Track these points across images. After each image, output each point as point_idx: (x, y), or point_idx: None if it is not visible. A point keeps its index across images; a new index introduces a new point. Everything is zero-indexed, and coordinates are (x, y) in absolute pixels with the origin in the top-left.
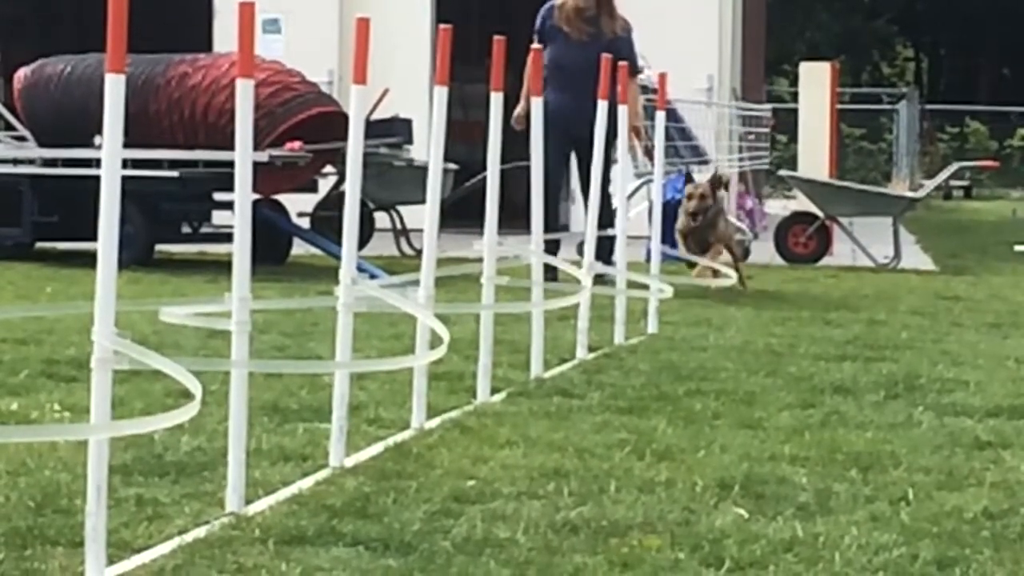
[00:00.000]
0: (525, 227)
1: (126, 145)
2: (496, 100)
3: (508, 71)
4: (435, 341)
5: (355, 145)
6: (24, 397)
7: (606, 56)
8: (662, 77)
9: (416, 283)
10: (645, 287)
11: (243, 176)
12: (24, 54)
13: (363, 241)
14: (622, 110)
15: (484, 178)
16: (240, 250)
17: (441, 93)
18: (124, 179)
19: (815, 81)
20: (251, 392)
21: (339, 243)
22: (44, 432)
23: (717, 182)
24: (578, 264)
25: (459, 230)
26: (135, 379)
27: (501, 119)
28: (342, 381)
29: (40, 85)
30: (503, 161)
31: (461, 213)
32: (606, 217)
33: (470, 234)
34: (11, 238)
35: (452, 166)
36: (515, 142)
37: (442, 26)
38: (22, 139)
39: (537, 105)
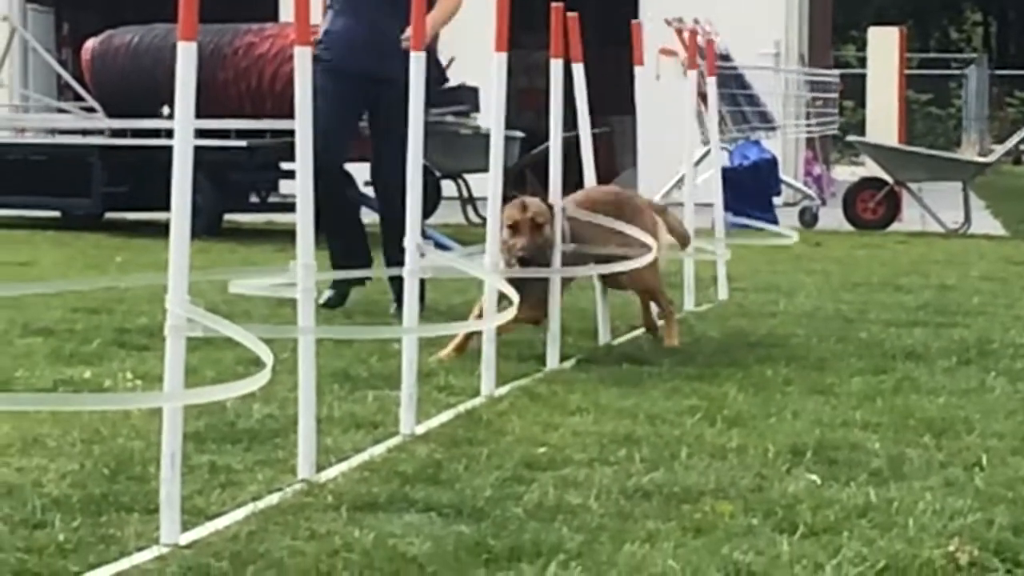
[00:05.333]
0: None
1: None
2: (556, 67)
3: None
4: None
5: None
6: (97, 366)
7: None
8: (710, 44)
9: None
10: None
11: (303, 145)
12: (91, 25)
13: (430, 209)
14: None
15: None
16: (303, 218)
17: (500, 60)
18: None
19: (884, 46)
20: (321, 360)
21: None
22: (119, 400)
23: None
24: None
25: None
26: (206, 347)
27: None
28: (410, 347)
29: (108, 56)
30: (568, 128)
31: (526, 180)
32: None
33: None
34: (81, 208)
35: (518, 134)
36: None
37: None
38: (91, 110)
39: (578, 71)
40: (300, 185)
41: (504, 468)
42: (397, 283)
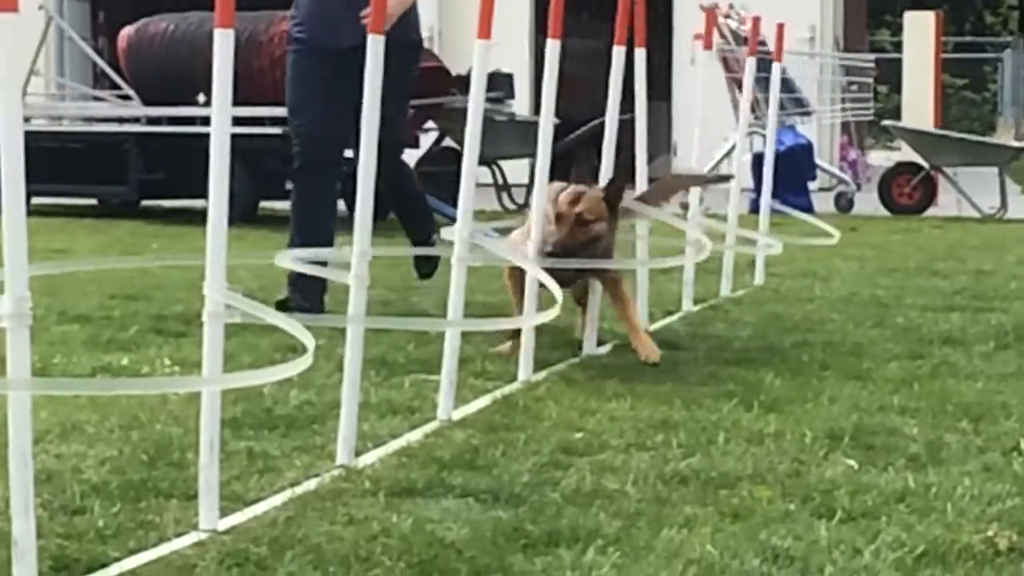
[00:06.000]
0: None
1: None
2: (618, 54)
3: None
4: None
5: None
6: (134, 352)
7: None
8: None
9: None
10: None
11: (369, 132)
12: (126, 13)
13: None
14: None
15: (582, 134)
16: (363, 203)
17: (554, 47)
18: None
19: (920, 30)
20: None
21: (441, 198)
22: (158, 385)
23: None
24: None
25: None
26: (243, 333)
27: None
28: (453, 337)
29: (144, 44)
30: (603, 115)
31: (563, 168)
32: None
33: None
34: (117, 196)
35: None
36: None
37: None
38: (127, 98)
39: (640, 57)
40: (362, 170)
41: (541, 453)
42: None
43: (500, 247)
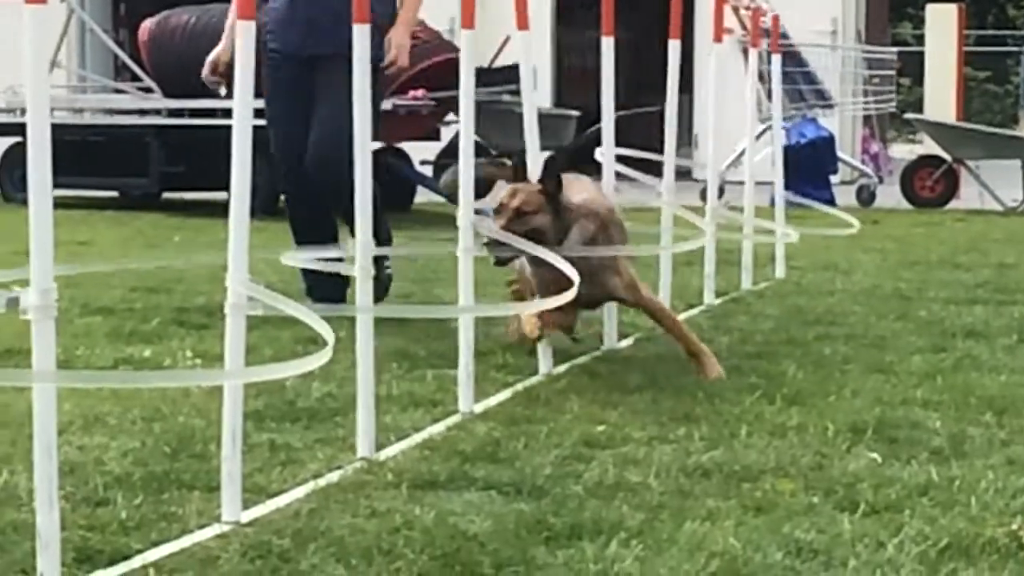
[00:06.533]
0: (650, 172)
1: None
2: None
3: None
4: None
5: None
6: (157, 345)
7: None
8: (775, 19)
9: None
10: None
11: (362, 127)
12: (148, 6)
13: (485, 188)
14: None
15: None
16: (362, 197)
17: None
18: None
19: (942, 23)
20: (380, 339)
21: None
22: (180, 377)
23: (553, 184)
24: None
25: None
26: (264, 326)
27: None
28: (467, 327)
29: (165, 36)
30: (625, 107)
31: (586, 158)
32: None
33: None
34: (139, 188)
35: (574, 113)
36: (636, 88)
37: None
38: (148, 90)
39: (674, 48)
40: (359, 164)
41: (563, 446)
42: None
43: (512, 238)
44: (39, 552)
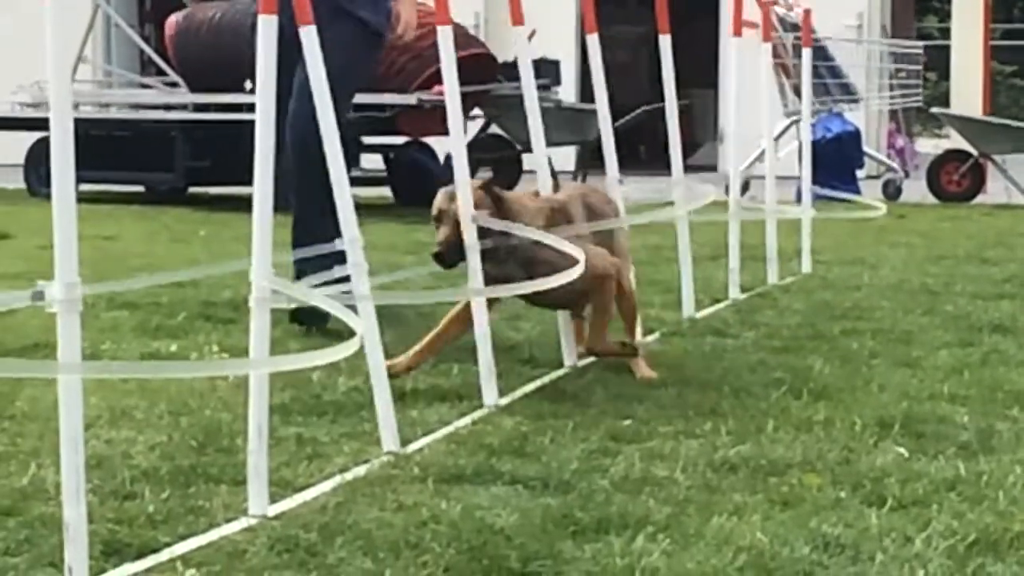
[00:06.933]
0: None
1: None
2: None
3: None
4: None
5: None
6: (183, 339)
7: None
8: (807, 13)
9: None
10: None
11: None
12: (173, 0)
13: (512, 182)
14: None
15: (630, 119)
16: (341, 190)
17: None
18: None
19: (968, 17)
20: (405, 332)
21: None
22: (205, 368)
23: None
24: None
25: (602, 171)
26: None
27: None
28: (481, 315)
29: (191, 31)
30: (647, 103)
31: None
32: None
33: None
34: (165, 183)
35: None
36: (662, 82)
37: None
38: (174, 85)
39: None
40: (331, 160)
41: (589, 440)
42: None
43: (528, 231)
44: (67, 545)
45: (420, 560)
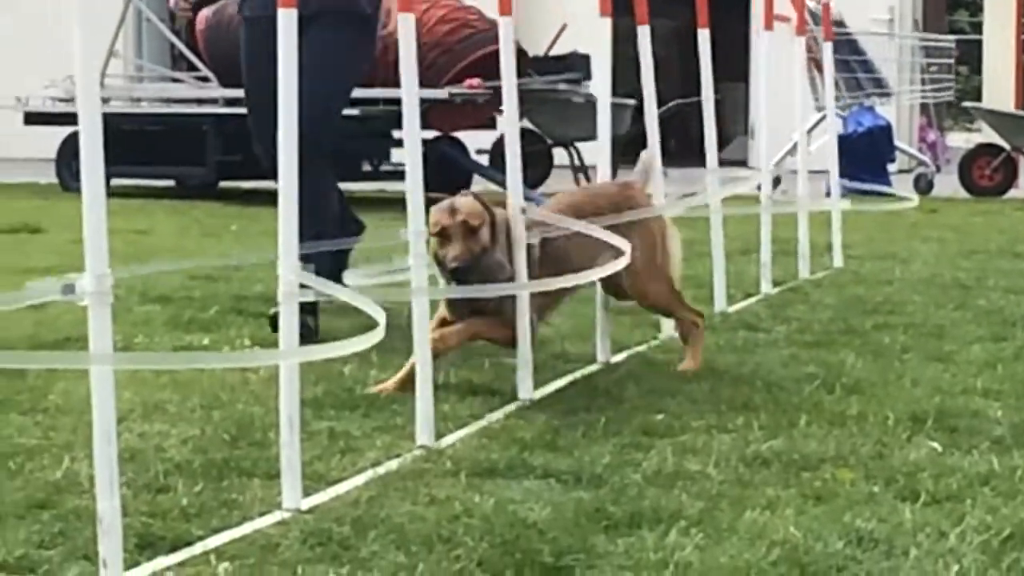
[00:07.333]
0: (702, 162)
1: None
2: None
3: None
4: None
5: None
6: (215, 333)
7: None
8: (826, 7)
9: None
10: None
11: (411, 115)
12: None
13: (540, 177)
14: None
15: (661, 113)
16: (413, 183)
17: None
18: None
19: (1000, 10)
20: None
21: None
22: (236, 360)
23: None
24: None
25: (632, 165)
26: (322, 315)
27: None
28: (523, 311)
29: (222, 26)
30: (678, 97)
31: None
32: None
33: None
34: (196, 177)
35: (630, 101)
36: (696, 76)
37: None
38: (205, 80)
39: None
40: (409, 153)
41: (622, 435)
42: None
43: (566, 220)
44: (101, 538)
45: (453, 554)
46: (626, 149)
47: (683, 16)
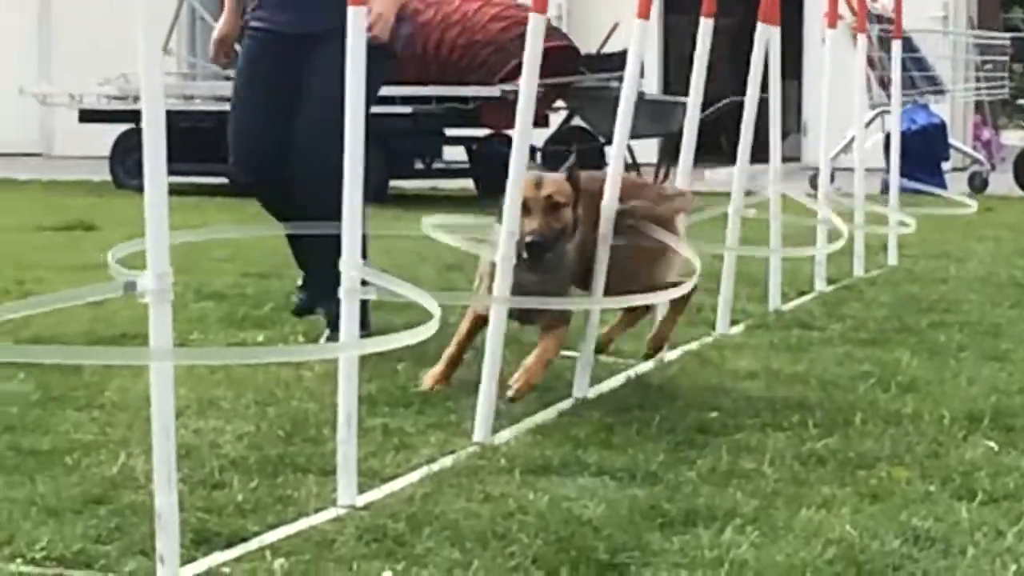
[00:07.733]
0: (763, 160)
1: None
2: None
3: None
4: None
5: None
6: (269, 329)
7: None
8: (898, 4)
9: None
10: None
11: (526, 110)
12: None
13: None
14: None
15: (714, 111)
16: (514, 184)
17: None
18: None
19: None
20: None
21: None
22: (296, 353)
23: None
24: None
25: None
26: (378, 312)
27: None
28: (593, 316)
29: None
30: (734, 95)
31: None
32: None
33: (699, 166)
34: None
35: (682, 99)
36: (744, 74)
37: None
38: None
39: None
40: (516, 150)
41: (676, 432)
42: (329, 304)
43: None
44: (158, 533)
45: (507, 551)
46: (679, 147)
47: (736, 13)
